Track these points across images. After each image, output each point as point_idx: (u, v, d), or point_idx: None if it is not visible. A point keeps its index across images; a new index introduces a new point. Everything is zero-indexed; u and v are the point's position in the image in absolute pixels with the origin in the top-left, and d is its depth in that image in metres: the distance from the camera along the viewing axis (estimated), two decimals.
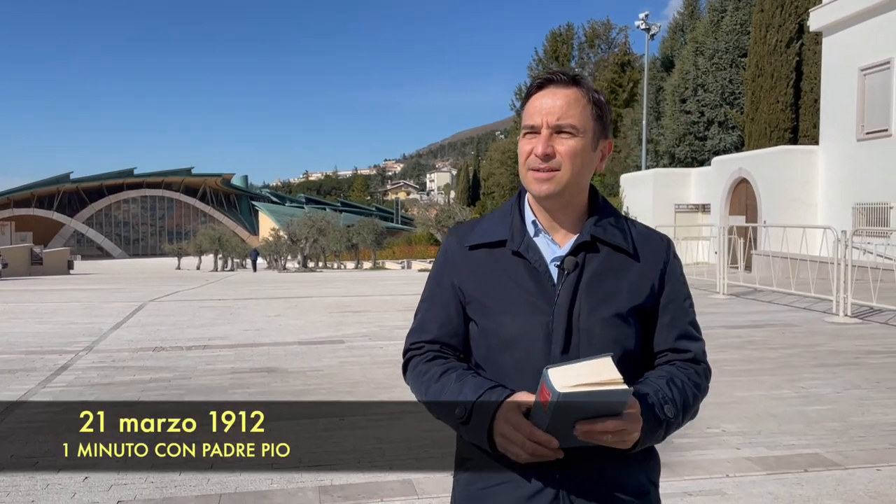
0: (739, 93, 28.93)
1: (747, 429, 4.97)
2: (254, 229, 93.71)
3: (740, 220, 22.11)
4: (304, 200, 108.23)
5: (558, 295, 1.46)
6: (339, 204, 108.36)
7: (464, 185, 72.18)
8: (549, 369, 1.26)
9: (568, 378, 1.25)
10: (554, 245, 1.52)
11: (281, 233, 52.40)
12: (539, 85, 1.50)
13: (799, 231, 13.07)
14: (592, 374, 1.26)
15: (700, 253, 20.89)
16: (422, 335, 1.60)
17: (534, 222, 1.54)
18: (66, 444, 4.46)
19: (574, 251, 1.49)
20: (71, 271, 43.29)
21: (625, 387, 1.26)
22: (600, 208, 1.55)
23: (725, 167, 24.68)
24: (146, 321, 11.56)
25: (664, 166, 32.45)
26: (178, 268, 55.70)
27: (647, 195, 28.90)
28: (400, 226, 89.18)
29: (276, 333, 9.85)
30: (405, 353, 1.64)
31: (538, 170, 1.46)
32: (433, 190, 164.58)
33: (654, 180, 28.75)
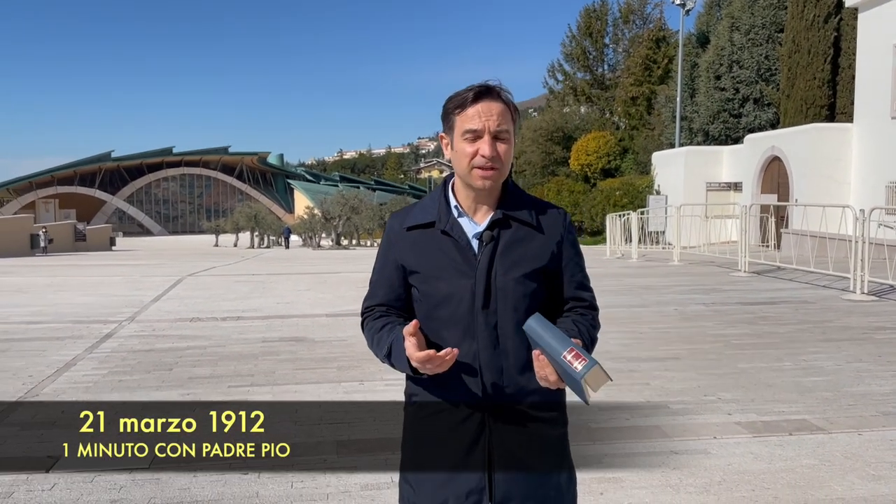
0: (775, 69, 28.50)
1: (741, 397, 5.24)
2: (289, 207, 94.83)
3: (772, 199, 21.98)
4: (338, 179, 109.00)
5: (478, 262, 1.85)
6: (372, 182, 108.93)
7: None
8: (595, 366, 1.66)
9: (592, 376, 1.66)
10: (473, 223, 1.89)
11: (315, 211, 53.13)
12: (475, 97, 1.83)
13: (836, 210, 13.04)
14: (595, 382, 1.68)
15: (731, 231, 20.84)
16: (372, 300, 2.01)
17: (456, 207, 1.91)
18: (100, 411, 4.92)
19: (490, 227, 1.87)
20: (113, 247, 44.58)
21: (589, 399, 1.73)
22: (511, 192, 1.93)
23: (758, 145, 24.48)
24: (184, 294, 12.14)
25: (698, 144, 32.16)
26: (216, 245, 56.84)
27: (678, 173, 28.78)
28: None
29: (306, 306, 10.32)
30: (361, 315, 2.05)
31: (483, 168, 1.82)
32: None
33: (685, 158, 28.62)
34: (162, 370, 6.33)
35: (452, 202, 1.92)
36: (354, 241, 55.05)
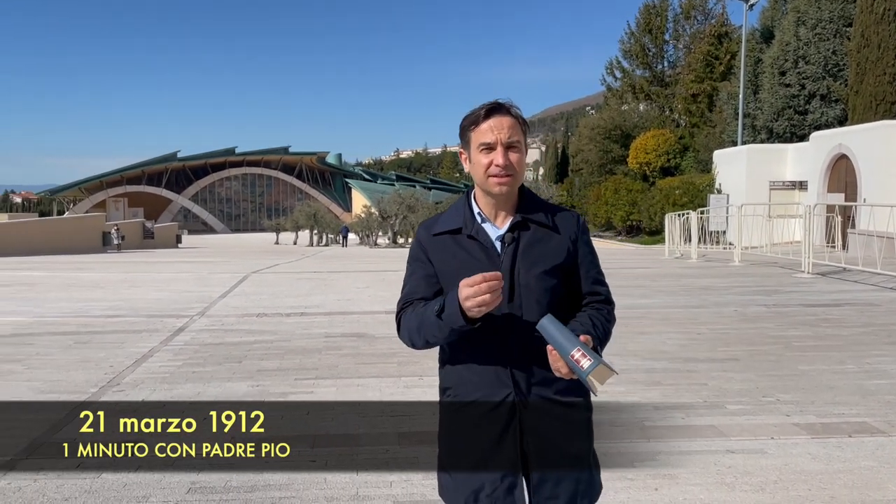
0: (843, 64, 27.63)
1: (801, 399, 5.22)
2: (347, 206, 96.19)
3: (839, 198, 21.32)
4: (394, 178, 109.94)
5: (502, 261, 2.02)
6: (428, 181, 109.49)
7: (552, 162, 71.67)
8: (600, 365, 1.81)
9: (596, 374, 1.81)
10: (495, 227, 2.07)
11: (372, 209, 53.82)
12: (487, 114, 2.02)
13: None
14: (601, 377, 1.83)
15: (795, 231, 20.34)
16: (412, 296, 2.13)
17: (479, 213, 2.09)
18: (179, 394, 5.23)
19: (511, 229, 2.05)
20: (179, 245, 46.07)
21: (596, 391, 1.87)
22: (527, 197, 2.11)
23: (824, 143, 23.79)
24: (250, 290, 12.58)
25: (761, 142, 31.40)
26: (277, 243, 58.14)
27: (740, 172, 28.14)
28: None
29: (365, 303, 10.59)
30: (398, 312, 2.15)
31: (498, 176, 2.00)
32: None
33: (748, 156, 27.96)
34: (232, 362, 6.64)
35: (475, 210, 2.10)
36: (410, 240, 55.46)
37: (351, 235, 56.66)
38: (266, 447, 4.69)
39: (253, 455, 4.24)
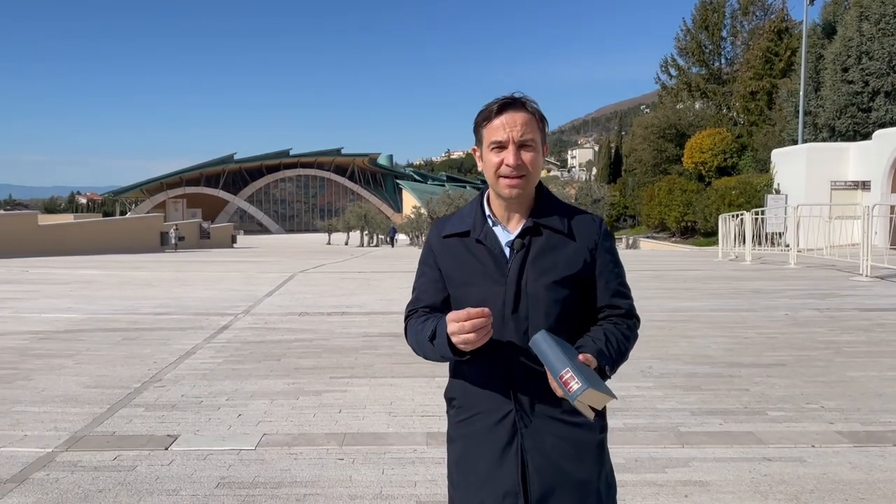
0: None
1: (847, 406, 5.01)
2: (398, 207, 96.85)
3: None
4: (444, 178, 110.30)
5: (509, 268, 1.90)
6: (478, 182, 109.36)
7: (605, 162, 70.67)
8: (588, 389, 1.65)
9: (586, 398, 1.67)
10: (507, 232, 1.95)
11: (422, 210, 54.01)
12: (499, 109, 1.88)
13: None
14: (595, 402, 1.69)
15: (856, 233, 19.60)
16: (418, 303, 2.05)
17: (490, 216, 1.97)
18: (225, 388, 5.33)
19: (521, 235, 1.92)
20: (234, 245, 47.09)
21: (591, 416, 1.74)
22: (544, 199, 1.97)
23: (888, 141, 22.91)
24: (295, 290, 12.76)
25: (822, 140, 30.41)
26: (328, 243, 58.87)
27: (799, 171, 27.31)
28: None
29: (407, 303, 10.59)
30: (405, 319, 2.08)
31: (510, 177, 1.87)
32: (574, 167, 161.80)
33: (807, 155, 27.11)
34: (271, 360, 6.73)
35: (487, 212, 1.99)
36: None
37: (401, 236, 57.00)
38: (296, 444, 4.75)
39: (283, 451, 4.31)
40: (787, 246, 20.47)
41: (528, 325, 1.87)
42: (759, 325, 8.33)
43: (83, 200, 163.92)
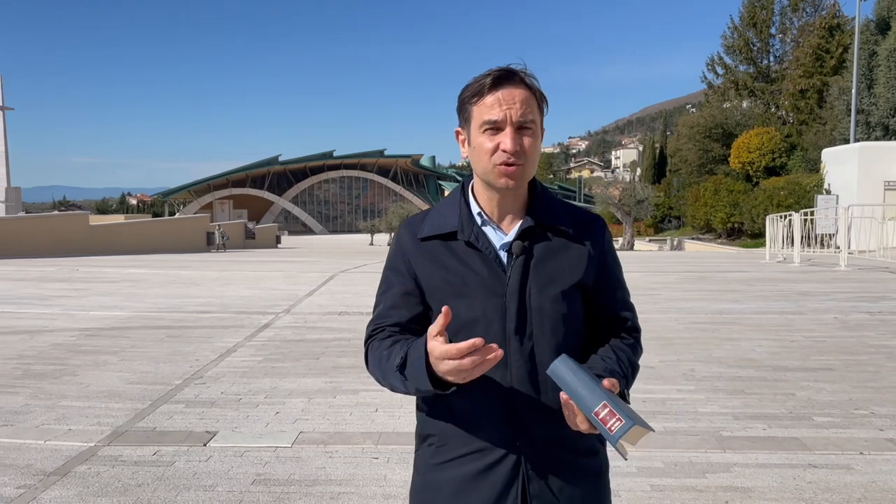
0: None
1: None
2: None
3: None
4: None
5: (509, 277, 1.58)
6: None
7: (649, 162, 69.69)
8: (633, 426, 1.37)
9: (629, 437, 1.39)
10: (500, 232, 1.64)
11: None
12: (494, 83, 1.56)
13: None
14: (634, 437, 1.40)
15: None
16: (383, 320, 1.68)
17: (479, 213, 1.65)
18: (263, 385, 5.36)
19: (520, 236, 1.61)
20: (278, 245, 47.76)
21: (626, 454, 1.44)
22: (540, 194, 1.68)
23: None
24: (335, 289, 12.87)
25: (876, 139, 29.54)
26: (371, 244, 59.28)
27: (851, 171, 26.56)
28: (582, 204, 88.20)
29: None
30: (366, 340, 1.70)
31: (507, 164, 1.56)
32: (618, 167, 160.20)
33: (860, 155, 26.34)
34: (310, 359, 6.78)
35: (475, 209, 1.66)
36: None
37: None
38: (332, 442, 4.75)
39: (318, 449, 4.33)
40: (838, 248, 19.90)
41: (534, 346, 1.58)
42: (806, 329, 8.09)
43: (133, 201, 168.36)
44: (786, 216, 20.68)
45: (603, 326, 1.71)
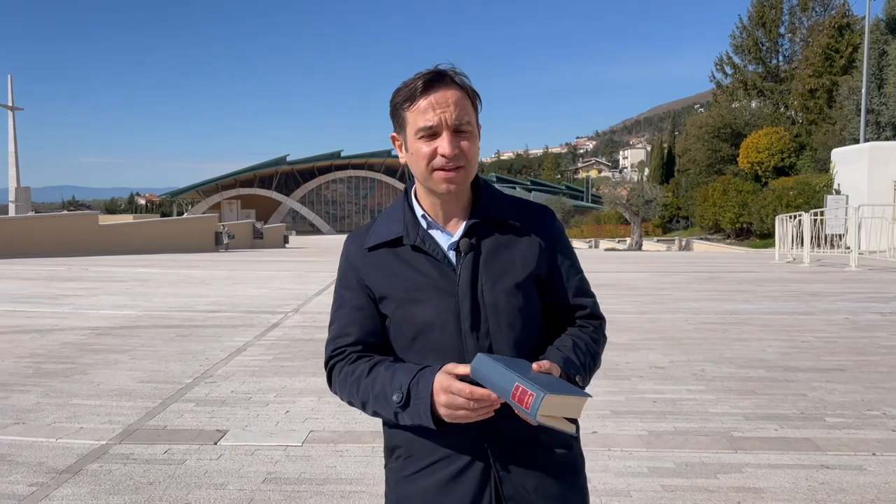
0: None
1: None
2: None
3: None
4: (494, 179, 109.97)
5: (459, 276, 1.56)
6: (528, 183, 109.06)
7: (658, 163, 69.46)
8: (546, 396, 1.27)
9: (549, 409, 1.29)
10: (446, 233, 1.62)
11: None
12: (425, 86, 1.53)
13: None
14: (566, 410, 1.32)
15: None
16: (343, 340, 1.65)
17: (423, 216, 1.63)
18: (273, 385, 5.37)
19: (467, 233, 1.59)
20: (286, 245, 47.83)
21: (572, 430, 1.36)
22: (484, 191, 1.66)
23: None
24: None
25: (886, 139, 29.37)
26: None
27: (861, 171, 26.40)
28: (589, 204, 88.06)
29: None
30: (327, 362, 1.68)
31: (445, 169, 1.53)
32: (626, 168, 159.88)
33: (870, 155, 26.18)
34: (319, 358, 6.78)
35: (419, 212, 1.65)
36: None
37: None
38: (342, 441, 4.75)
39: (329, 448, 4.33)
40: (848, 248, 19.80)
41: (491, 342, 1.55)
42: (817, 329, 8.05)
43: (142, 201, 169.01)
44: (795, 216, 20.59)
45: (561, 316, 1.68)
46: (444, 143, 1.52)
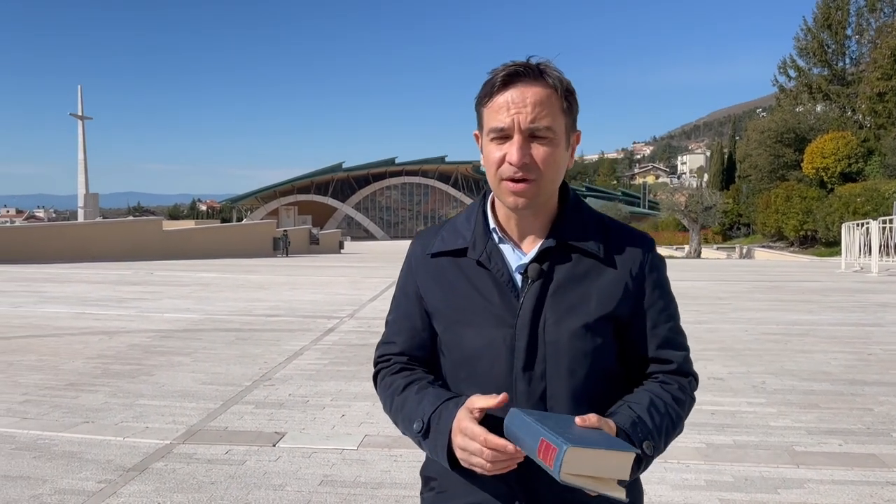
0: None
1: None
2: None
3: None
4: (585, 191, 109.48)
5: (521, 305, 1.35)
6: (583, 188, 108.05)
7: (717, 168, 67.93)
8: (569, 449, 1.07)
9: (578, 466, 1.08)
10: (519, 252, 1.41)
11: None
12: (504, 81, 1.32)
13: None
14: (604, 468, 1.10)
15: None
16: (389, 348, 1.53)
17: (495, 229, 1.43)
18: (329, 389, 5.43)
19: (539, 258, 1.37)
20: (341, 251, 48.50)
21: (622, 495, 1.12)
22: (572, 209, 1.43)
23: None
24: None
25: None
26: None
27: None
28: (646, 211, 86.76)
29: None
30: (375, 364, 1.58)
31: (514, 180, 1.32)
32: (684, 173, 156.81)
33: None
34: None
35: (491, 223, 1.44)
36: None
37: None
38: (396, 446, 4.81)
39: (383, 453, 4.39)
40: None
41: (546, 387, 1.34)
42: (884, 341, 7.77)
43: (203, 207, 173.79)
44: (863, 224, 19.88)
45: (640, 369, 1.43)
46: (512, 149, 1.31)
